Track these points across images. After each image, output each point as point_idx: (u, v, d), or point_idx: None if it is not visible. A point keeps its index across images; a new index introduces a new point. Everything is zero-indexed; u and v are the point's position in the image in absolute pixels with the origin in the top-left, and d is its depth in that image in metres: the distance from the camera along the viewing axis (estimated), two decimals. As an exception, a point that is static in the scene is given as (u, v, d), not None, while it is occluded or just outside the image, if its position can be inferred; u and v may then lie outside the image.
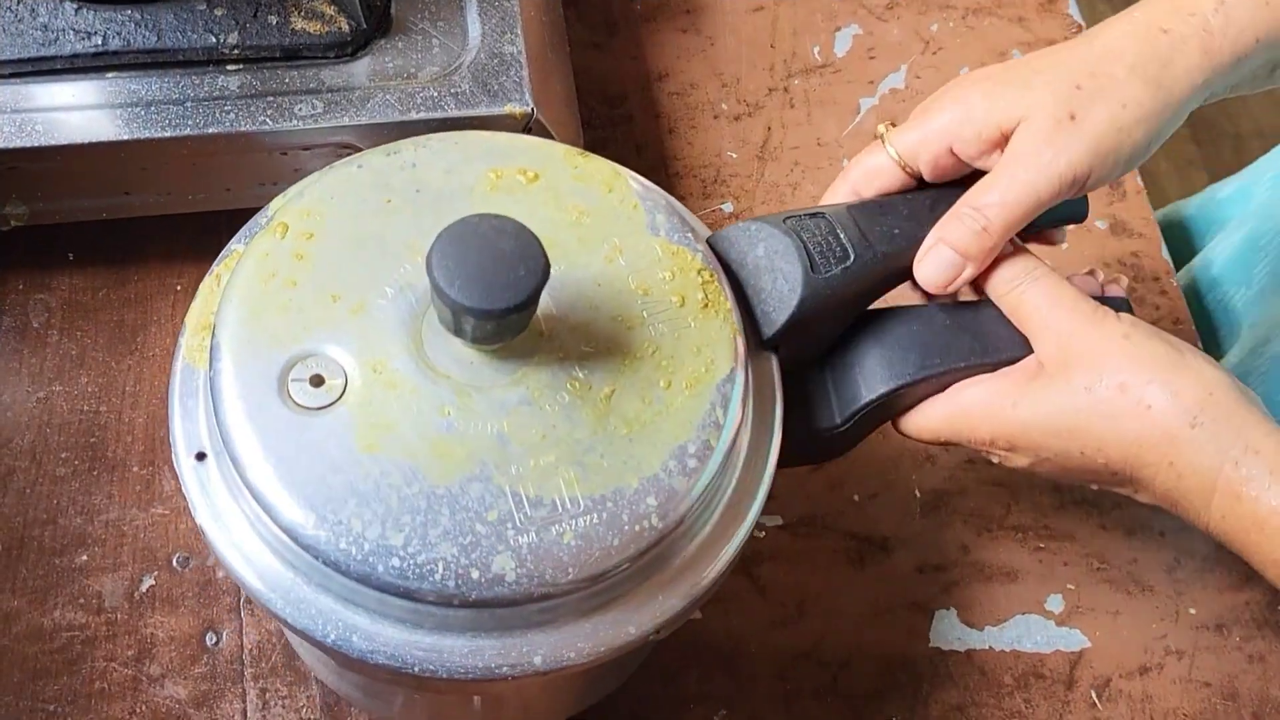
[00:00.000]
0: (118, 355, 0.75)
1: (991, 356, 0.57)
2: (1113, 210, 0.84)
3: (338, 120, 0.70)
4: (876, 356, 0.58)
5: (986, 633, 0.71)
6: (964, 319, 0.58)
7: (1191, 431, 0.53)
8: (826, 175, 0.84)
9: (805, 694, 0.69)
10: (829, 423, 0.59)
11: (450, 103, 0.70)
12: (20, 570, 0.68)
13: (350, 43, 0.72)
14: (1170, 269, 0.82)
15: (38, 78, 0.70)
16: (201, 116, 0.69)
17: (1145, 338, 0.55)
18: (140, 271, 0.77)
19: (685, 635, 0.70)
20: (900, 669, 0.70)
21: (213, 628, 0.68)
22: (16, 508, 0.70)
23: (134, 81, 0.70)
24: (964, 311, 0.59)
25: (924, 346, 0.58)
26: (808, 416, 0.59)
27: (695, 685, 0.69)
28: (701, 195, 0.83)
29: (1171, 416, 0.53)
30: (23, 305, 0.76)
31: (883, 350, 0.58)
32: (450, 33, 0.73)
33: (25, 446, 0.72)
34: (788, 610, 0.71)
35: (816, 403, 0.59)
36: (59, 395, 0.73)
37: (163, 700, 0.66)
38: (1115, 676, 0.70)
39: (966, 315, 0.59)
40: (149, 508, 0.70)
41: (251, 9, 0.71)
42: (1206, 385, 0.54)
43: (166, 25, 0.70)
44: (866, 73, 0.89)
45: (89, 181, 0.71)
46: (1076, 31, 0.91)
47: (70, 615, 0.68)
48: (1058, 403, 0.55)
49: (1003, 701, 0.69)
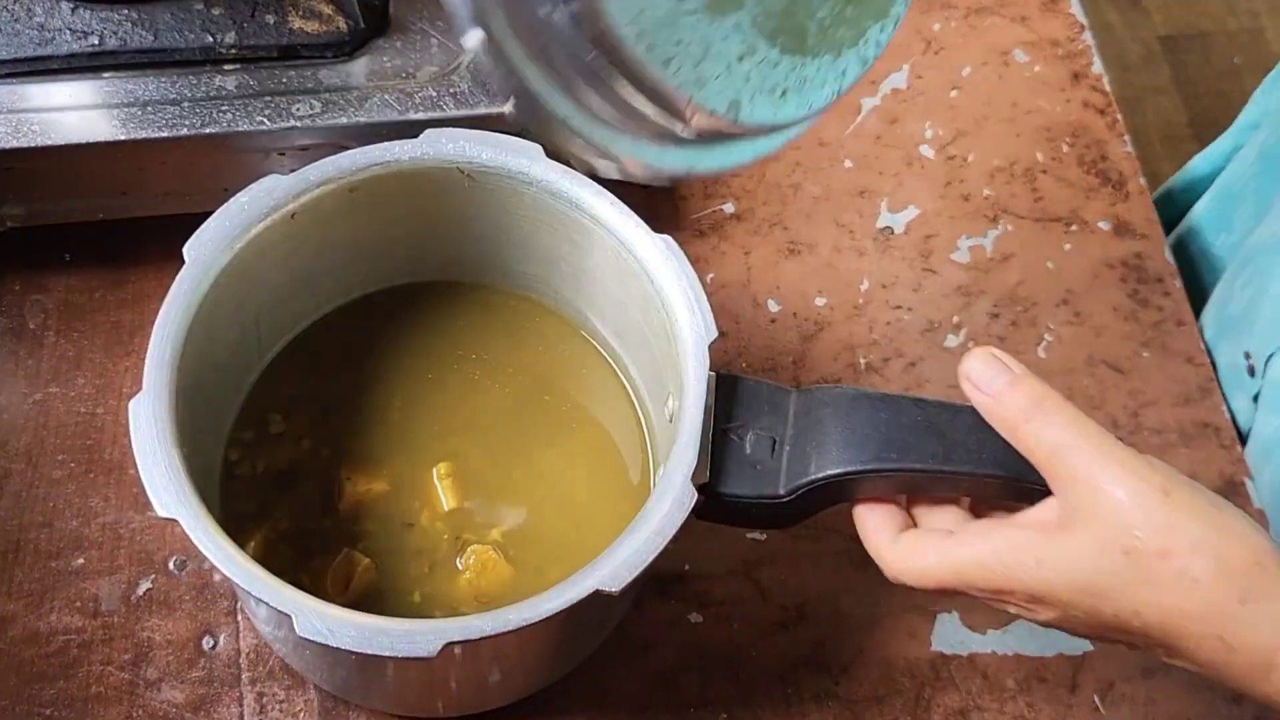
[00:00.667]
0: (115, 356, 0.74)
1: (952, 465, 0.55)
2: (1115, 211, 0.84)
3: (336, 120, 0.69)
4: (836, 437, 0.56)
5: (989, 636, 0.71)
6: (938, 419, 0.56)
7: (1243, 609, 0.48)
8: (828, 175, 0.84)
9: (807, 698, 0.69)
10: (771, 491, 0.57)
11: (449, 102, 0.70)
12: (16, 573, 0.68)
13: (348, 42, 0.71)
14: (1174, 270, 0.82)
15: (34, 78, 0.69)
16: (198, 116, 0.69)
17: (1186, 494, 0.50)
18: (137, 272, 0.77)
19: (686, 639, 0.69)
20: (902, 673, 0.70)
21: (210, 631, 0.68)
22: (12, 510, 0.70)
23: (131, 81, 0.70)
24: (940, 411, 0.56)
25: (886, 439, 0.55)
26: (754, 479, 0.57)
27: (696, 689, 0.68)
28: (703, 195, 0.83)
29: (1220, 591, 0.49)
30: (19, 306, 0.75)
31: (844, 432, 0.56)
32: (449, 33, 0.73)
33: (21, 449, 0.71)
34: (789, 614, 0.71)
35: (765, 467, 0.57)
36: (55, 397, 0.73)
37: (159, 704, 0.66)
38: (1118, 680, 0.70)
39: (941, 416, 0.56)
40: (146, 511, 0.70)
41: (249, 8, 0.71)
42: (1254, 553, 0.49)
43: (163, 25, 0.70)
44: (868, 72, 0.88)
45: (85, 182, 0.71)
46: (1079, 31, 0.90)
47: (66, 619, 0.67)
48: (1090, 563, 0.50)
49: (1005, 705, 0.69)
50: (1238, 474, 0.76)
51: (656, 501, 0.55)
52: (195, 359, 0.58)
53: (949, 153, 0.85)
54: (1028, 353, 0.79)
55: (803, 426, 0.58)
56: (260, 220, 0.60)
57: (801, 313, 0.79)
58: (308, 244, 0.63)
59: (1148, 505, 0.50)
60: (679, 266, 0.60)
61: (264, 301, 0.64)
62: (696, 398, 0.57)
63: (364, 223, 0.64)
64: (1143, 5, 1.91)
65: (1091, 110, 0.87)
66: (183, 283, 0.59)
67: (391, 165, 0.62)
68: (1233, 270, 0.80)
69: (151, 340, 0.57)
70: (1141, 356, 0.79)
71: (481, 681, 0.63)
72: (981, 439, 0.55)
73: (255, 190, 0.61)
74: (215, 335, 0.61)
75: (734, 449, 0.58)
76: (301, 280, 0.65)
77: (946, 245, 0.82)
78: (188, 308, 0.58)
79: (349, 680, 0.64)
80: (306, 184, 0.61)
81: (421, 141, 0.62)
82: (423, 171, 0.63)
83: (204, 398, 0.61)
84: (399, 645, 0.52)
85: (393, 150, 0.62)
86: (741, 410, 0.58)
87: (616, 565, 0.54)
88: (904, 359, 0.78)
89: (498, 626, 0.52)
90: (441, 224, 0.65)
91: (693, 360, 0.58)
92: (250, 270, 0.61)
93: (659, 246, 0.61)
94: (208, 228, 0.60)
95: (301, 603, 0.52)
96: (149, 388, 0.56)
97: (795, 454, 0.57)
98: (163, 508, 0.54)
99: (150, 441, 0.55)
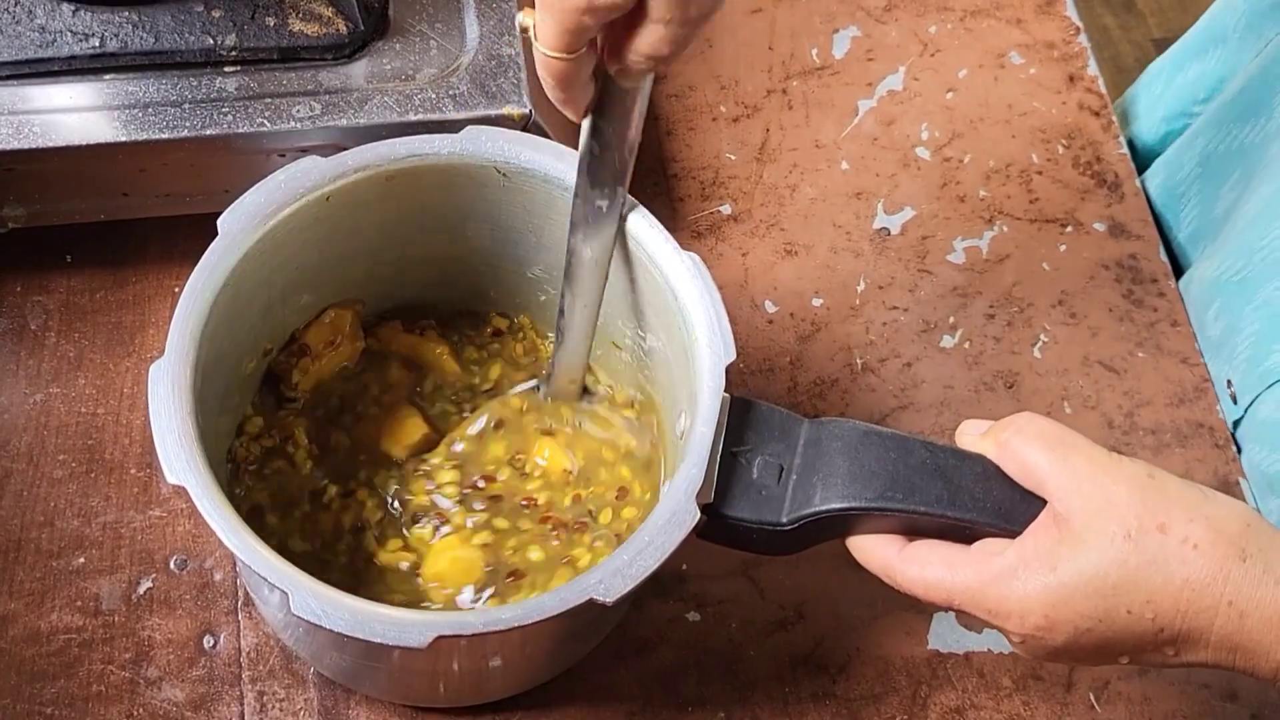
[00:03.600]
0: (116, 357, 0.74)
1: (955, 511, 0.55)
2: (1110, 212, 0.84)
3: (335, 122, 0.69)
4: (843, 471, 0.56)
5: (985, 635, 0.71)
6: (944, 464, 0.56)
7: (1244, 565, 0.50)
8: (825, 177, 0.84)
9: (804, 697, 0.69)
10: (773, 518, 0.57)
11: (448, 104, 0.70)
12: (17, 573, 0.68)
13: (348, 44, 0.72)
14: (1168, 271, 0.83)
15: (35, 79, 0.70)
16: (199, 118, 0.69)
17: (1167, 477, 0.52)
18: (138, 273, 0.77)
19: (685, 638, 0.70)
20: (899, 672, 0.70)
21: (210, 630, 0.68)
22: (14, 510, 0.70)
23: (132, 83, 0.70)
24: (947, 456, 0.56)
25: (892, 478, 0.56)
26: (757, 504, 0.58)
27: (694, 689, 0.69)
28: (700, 197, 0.83)
29: (1220, 552, 0.50)
30: (20, 307, 0.75)
31: (851, 467, 0.56)
32: (448, 34, 0.73)
33: (23, 449, 0.71)
34: (787, 613, 0.71)
35: (770, 494, 0.58)
36: (57, 397, 0.73)
37: (160, 703, 0.66)
38: (1114, 678, 0.70)
39: (949, 461, 0.56)
40: (147, 510, 0.70)
41: (249, 11, 0.71)
42: (1242, 515, 0.51)
43: (164, 27, 0.70)
44: (865, 74, 0.89)
45: (87, 183, 0.71)
46: (1074, 34, 0.91)
47: (67, 618, 0.67)
48: (1098, 557, 0.51)
49: (1001, 704, 0.69)
50: (1232, 474, 0.76)
51: (658, 516, 0.55)
52: (219, 331, 0.58)
53: (945, 154, 0.86)
54: (1023, 353, 0.79)
55: (810, 457, 0.58)
56: (295, 200, 0.61)
57: (798, 313, 0.80)
58: (340, 228, 0.63)
59: (1138, 492, 0.51)
60: (704, 285, 0.60)
61: (291, 280, 0.64)
62: (708, 418, 0.57)
63: (397, 212, 0.65)
64: (1137, 8, 1.91)
65: (1087, 112, 0.88)
66: (214, 253, 0.59)
67: (430, 158, 0.62)
68: (1202, 301, 0.80)
69: (178, 307, 0.57)
70: (1136, 357, 0.80)
71: (476, 675, 0.63)
72: (987, 487, 0.55)
73: (293, 169, 0.61)
74: (241, 309, 0.61)
75: (741, 472, 0.58)
76: (331, 263, 0.66)
77: (942, 246, 0.83)
78: (217, 278, 0.58)
79: (347, 665, 0.64)
80: (344, 168, 0.61)
81: (462, 137, 0.63)
82: (460, 167, 0.63)
83: (223, 371, 0.61)
84: (390, 634, 0.52)
85: (433, 144, 0.62)
86: (752, 435, 0.58)
87: (611, 575, 0.54)
88: (900, 359, 0.79)
89: (490, 625, 0.52)
90: (473, 220, 0.66)
91: (708, 380, 0.58)
92: (281, 248, 0.61)
93: (686, 264, 0.60)
94: (243, 201, 0.60)
95: (299, 581, 0.52)
96: (171, 353, 0.56)
97: (801, 483, 0.57)
98: (172, 474, 0.54)
99: (167, 407, 0.55)
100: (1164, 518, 0.51)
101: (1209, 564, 0.50)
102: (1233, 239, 0.78)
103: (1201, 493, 0.52)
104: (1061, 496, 0.53)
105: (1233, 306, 0.77)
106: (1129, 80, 0.97)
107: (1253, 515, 0.51)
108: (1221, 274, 0.78)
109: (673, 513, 0.55)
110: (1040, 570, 0.52)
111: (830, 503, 0.56)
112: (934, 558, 0.55)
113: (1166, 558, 0.50)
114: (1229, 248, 0.78)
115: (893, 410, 0.77)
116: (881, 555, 0.57)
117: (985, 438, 0.56)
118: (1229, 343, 0.78)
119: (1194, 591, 0.50)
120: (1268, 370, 0.74)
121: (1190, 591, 0.50)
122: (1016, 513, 0.54)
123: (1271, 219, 0.75)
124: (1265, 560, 0.50)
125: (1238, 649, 0.51)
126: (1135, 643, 0.52)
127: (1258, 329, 0.75)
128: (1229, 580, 0.50)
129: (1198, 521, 0.51)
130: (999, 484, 0.55)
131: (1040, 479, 0.54)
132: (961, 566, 0.54)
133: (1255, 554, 0.50)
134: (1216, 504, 0.52)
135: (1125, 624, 0.51)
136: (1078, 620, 0.52)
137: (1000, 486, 0.55)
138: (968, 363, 0.79)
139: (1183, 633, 0.51)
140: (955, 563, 0.54)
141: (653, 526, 0.55)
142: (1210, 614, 0.50)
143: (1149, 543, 0.51)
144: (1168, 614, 0.51)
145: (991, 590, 0.53)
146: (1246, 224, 0.77)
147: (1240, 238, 0.77)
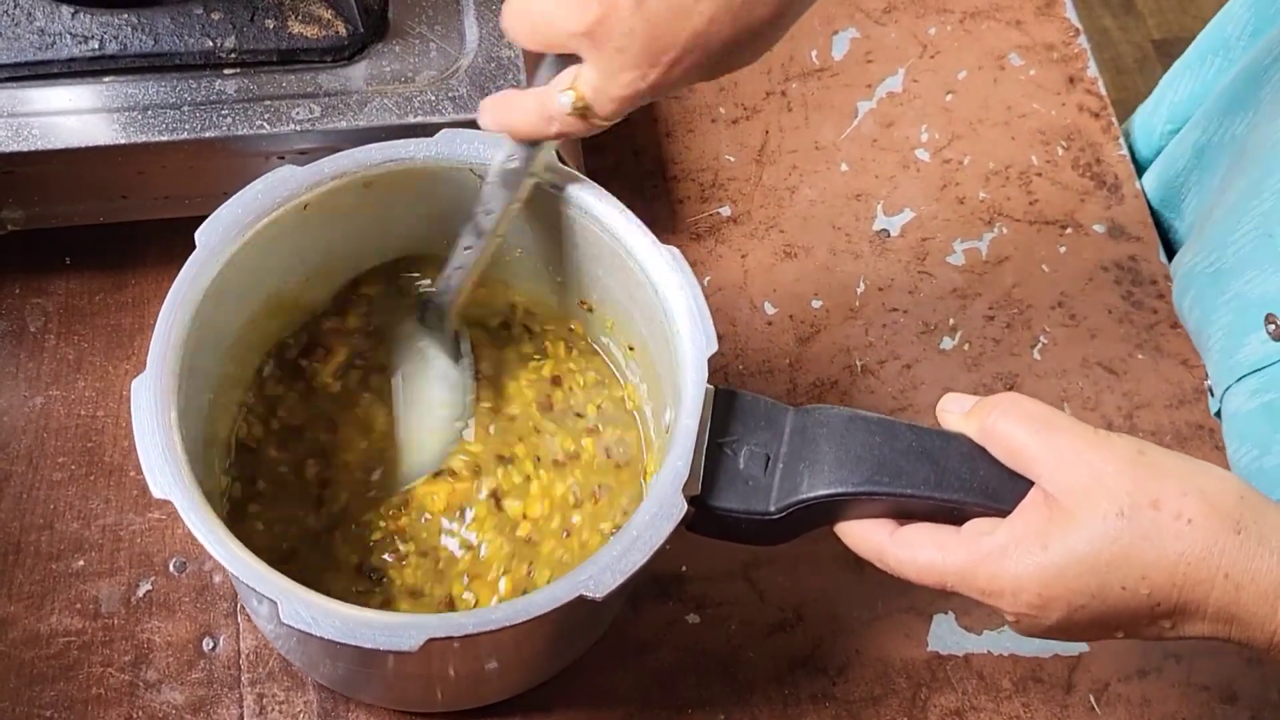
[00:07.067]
0: (115, 360, 0.74)
1: (943, 492, 0.55)
2: (1110, 214, 0.84)
3: (335, 124, 0.70)
4: (829, 457, 0.56)
5: (985, 637, 0.71)
6: (930, 445, 0.56)
7: (1238, 538, 0.50)
8: (824, 179, 0.84)
9: (804, 699, 0.69)
10: (761, 507, 0.57)
11: (448, 106, 0.70)
12: (17, 575, 0.68)
13: (347, 47, 0.72)
14: (1168, 273, 0.83)
15: (34, 82, 0.70)
16: (198, 120, 0.69)
17: (1158, 452, 0.52)
18: (137, 276, 0.77)
19: (684, 640, 0.70)
20: (899, 673, 0.70)
21: (209, 633, 0.68)
22: (13, 512, 0.70)
23: (131, 86, 0.70)
24: (933, 438, 0.56)
25: (879, 462, 0.56)
26: (745, 494, 0.57)
27: (694, 691, 0.69)
28: (699, 199, 0.83)
29: (1215, 525, 0.50)
30: (20, 310, 0.75)
31: (838, 453, 0.56)
32: (447, 37, 0.73)
33: (22, 451, 0.71)
34: (786, 615, 0.71)
35: (758, 484, 0.57)
36: (56, 400, 0.73)
37: (159, 706, 0.66)
38: (1113, 680, 0.70)
39: (934, 443, 0.56)
40: (146, 512, 0.70)
41: (248, 13, 0.71)
42: (1234, 488, 0.51)
43: (163, 29, 0.70)
44: (864, 76, 0.89)
45: (86, 186, 0.71)
46: (1074, 35, 0.91)
47: (67, 620, 0.67)
48: (1090, 534, 0.51)
49: (1001, 706, 0.69)
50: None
51: (646, 510, 0.55)
52: (201, 343, 0.58)
53: (944, 156, 0.86)
54: (1023, 355, 0.79)
55: (797, 445, 0.58)
56: (273, 209, 0.60)
57: (798, 315, 0.80)
58: (320, 235, 0.63)
59: (1128, 468, 0.51)
60: (684, 278, 0.60)
61: (273, 289, 0.64)
62: (692, 410, 0.57)
63: (377, 218, 0.65)
64: (1137, 9, 1.91)
65: (1086, 114, 0.88)
66: (192, 266, 0.59)
67: (405, 163, 0.63)
68: (1179, 289, 0.80)
69: (158, 321, 0.57)
70: (1136, 358, 0.80)
71: (473, 678, 0.63)
72: (974, 467, 0.55)
73: (270, 179, 0.61)
74: (223, 320, 0.61)
75: (727, 463, 0.58)
76: (312, 271, 0.66)
77: (942, 248, 0.83)
78: (196, 291, 0.58)
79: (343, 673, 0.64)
80: (321, 176, 0.61)
81: (436, 141, 0.63)
82: (436, 171, 0.63)
83: (209, 383, 0.61)
84: (381, 638, 0.52)
85: (408, 148, 0.62)
86: (737, 425, 0.58)
87: (601, 570, 0.54)
88: (900, 361, 0.79)
89: (480, 625, 0.52)
90: (453, 223, 0.66)
91: (691, 372, 0.58)
92: (261, 257, 0.61)
93: (665, 257, 0.61)
94: (220, 214, 0.60)
95: (288, 590, 0.52)
96: (152, 368, 0.56)
97: (788, 472, 0.57)
98: (158, 488, 0.54)
99: (150, 421, 0.55)
100: (1157, 493, 0.51)
101: (1203, 538, 0.50)
102: (1208, 231, 0.78)
103: (1193, 465, 0.52)
104: (1051, 477, 0.52)
105: (1205, 298, 0.77)
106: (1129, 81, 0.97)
107: (1245, 487, 0.51)
108: (1196, 265, 0.78)
109: (660, 506, 0.55)
110: (1032, 549, 0.52)
111: (817, 489, 0.56)
112: (925, 540, 0.55)
113: (1160, 533, 0.50)
114: (1204, 240, 0.78)
115: (892, 412, 0.77)
116: (873, 540, 0.57)
117: (969, 419, 0.56)
118: (1203, 335, 0.78)
119: (1189, 566, 0.50)
120: (1237, 363, 0.74)
121: (1185, 566, 0.50)
122: (1004, 491, 0.54)
123: (1243, 212, 0.75)
124: (1259, 532, 0.50)
125: (1234, 620, 0.51)
126: (1131, 617, 0.52)
127: (1228, 321, 0.75)
128: (1224, 553, 0.50)
129: (1191, 495, 0.50)
130: (985, 463, 0.55)
131: (1028, 461, 0.53)
132: (952, 548, 0.54)
133: (1249, 526, 0.50)
134: (1209, 476, 0.52)
135: (1120, 600, 0.51)
136: (1071, 597, 0.51)
137: (986, 466, 0.55)
138: (967, 364, 0.79)
139: (1179, 606, 0.51)
140: (946, 544, 0.54)
141: (640, 520, 0.55)
142: (1206, 587, 0.50)
143: (1142, 519, 0.50)
144: (1163, 589, 0.51)
145: (983, 569, 0.53)
146: (1222, 215, 0.77)
147: (1215, 229, 0.77)
